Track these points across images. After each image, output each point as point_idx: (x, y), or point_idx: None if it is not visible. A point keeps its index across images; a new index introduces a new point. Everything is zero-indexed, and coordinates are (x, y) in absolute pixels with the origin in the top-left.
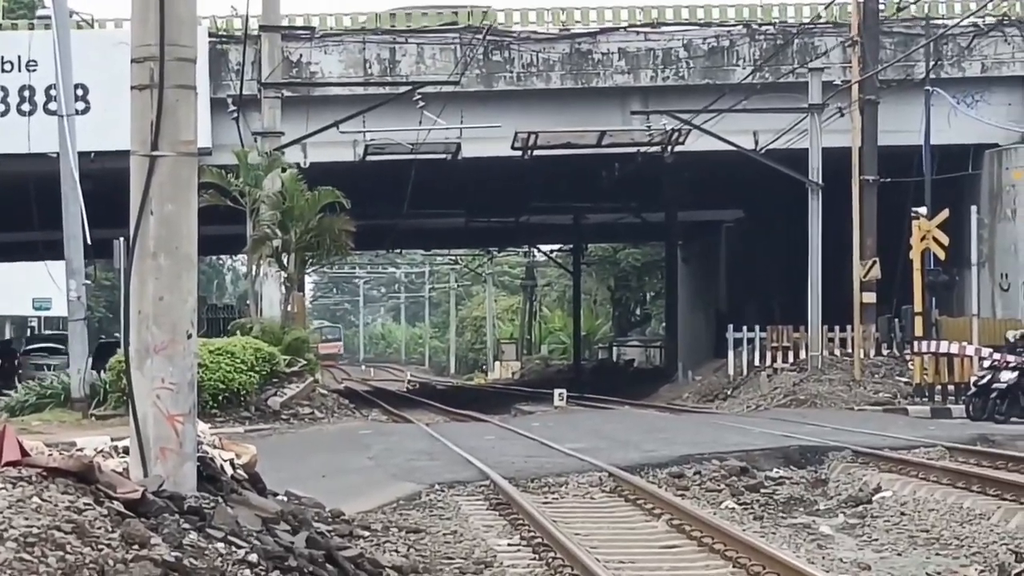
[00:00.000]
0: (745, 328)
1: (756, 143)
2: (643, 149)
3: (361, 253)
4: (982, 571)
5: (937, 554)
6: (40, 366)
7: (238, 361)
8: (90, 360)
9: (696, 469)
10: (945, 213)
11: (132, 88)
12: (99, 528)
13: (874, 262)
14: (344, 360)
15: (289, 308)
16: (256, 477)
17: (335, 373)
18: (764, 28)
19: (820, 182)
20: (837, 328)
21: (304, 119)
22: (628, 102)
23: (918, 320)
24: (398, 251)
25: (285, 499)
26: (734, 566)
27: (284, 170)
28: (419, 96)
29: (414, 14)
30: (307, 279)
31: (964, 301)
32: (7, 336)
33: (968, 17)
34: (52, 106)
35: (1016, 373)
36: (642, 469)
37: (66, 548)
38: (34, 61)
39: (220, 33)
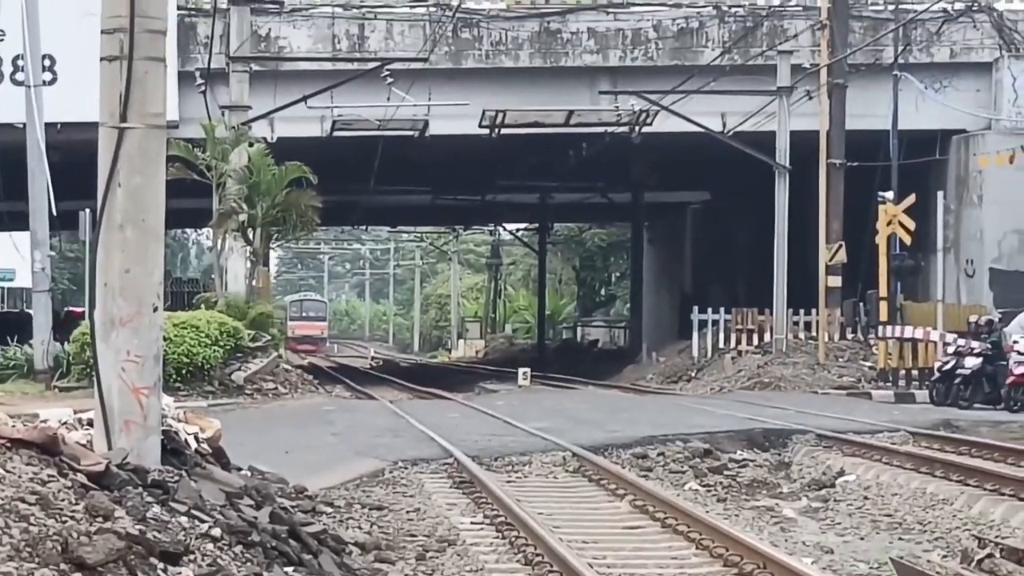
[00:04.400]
0: (710, 310)
1: (724, 125)
2: (611, 129)
3: (327, 229)
4: (945, 556)
5: (900, 539)
6: None
7: (202, 335)
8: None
9: (660, 450)
10: (912, 198)
11: (102, 59)
12: (63, 500)
13: (840, 246)
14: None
15: (254, 283)
16: (220, 451)
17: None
18: (734, 10)
19: (787, 165)
20: (802, 311)
21: (272, 94)
22: (596, 82)
23: (883, 304)
24: (364, 227)
25: (249, 474)
26: (697, 547)
27: (251, 144)
28: (387, 72)
29: None
30: (272, 254)
31: (929, 286)
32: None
33: (937, 2)
34: (19, 76)
35: (980, 359)
36: (606, 449)
37: (30, 519)
38: (1, 31)
39: (189, 6)
